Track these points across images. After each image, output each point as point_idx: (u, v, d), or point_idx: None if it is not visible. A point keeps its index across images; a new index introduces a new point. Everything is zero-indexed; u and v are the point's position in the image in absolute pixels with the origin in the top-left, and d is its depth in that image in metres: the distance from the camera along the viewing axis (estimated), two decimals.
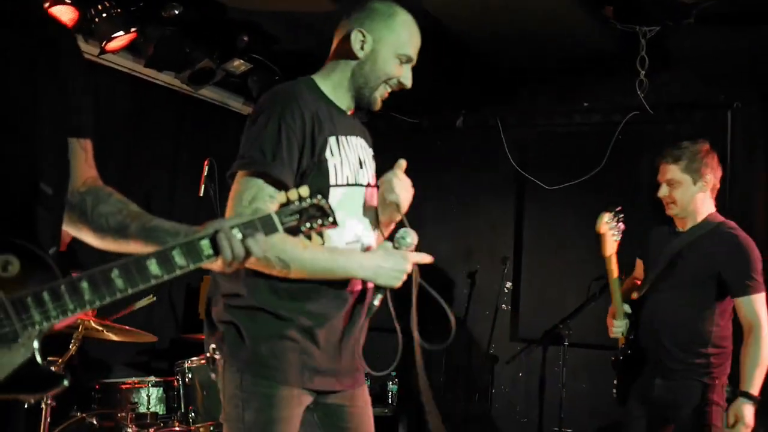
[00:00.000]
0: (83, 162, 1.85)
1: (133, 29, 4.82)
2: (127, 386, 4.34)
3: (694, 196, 3.68)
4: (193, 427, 4.25)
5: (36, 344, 1.50)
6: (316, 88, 2.49)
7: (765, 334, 3.51)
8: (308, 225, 1.78)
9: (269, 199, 2.20)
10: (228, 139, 6.34)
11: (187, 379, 4.32)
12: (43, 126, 1.66)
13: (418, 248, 2.44)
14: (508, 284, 6.14)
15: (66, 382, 1.54)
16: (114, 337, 4.17)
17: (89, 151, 1.86)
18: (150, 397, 4.37)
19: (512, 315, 6.17)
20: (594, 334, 4.73)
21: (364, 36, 2.44)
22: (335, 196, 2.36)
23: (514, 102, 6.33)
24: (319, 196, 1.80)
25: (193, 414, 4.27)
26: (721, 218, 3.73)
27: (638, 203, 5.66)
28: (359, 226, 2.47)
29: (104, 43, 4.76)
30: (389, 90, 2.53)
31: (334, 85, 2.50)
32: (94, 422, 4.15)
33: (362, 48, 2.45)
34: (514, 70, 5.63)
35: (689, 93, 5.65)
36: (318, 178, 2.33)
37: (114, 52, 4.96)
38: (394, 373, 5.82)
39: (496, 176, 6.35)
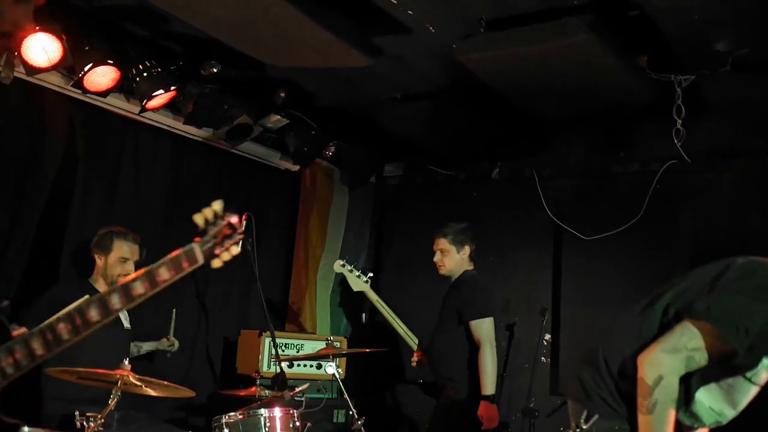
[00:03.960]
0: None
1: (173, 87, 4.93)
2: None
3: (457, 260, 5.05)
4: None
5: None
6: None
7: (488, 349, 4.73)
8: (222, 247, 1.93)
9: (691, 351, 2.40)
10: (265, 194, 6.41)
11: None
12: None
13: None
14: (547, 336, 6.05)
15: (26, 429, 1.59)
16: (152, 392, 4.16)
17: None
18: None
19: (552, 367, 6.08)
20: None
21: None
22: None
23: (550, 152, 6.31)
24: (228, 213, 1.96)
25: None
26: (471, 270, 5.07)
27: (678, 253, 5.57)
28: (733, 412, 2.59)
29: (145, 101, 4.88)
30: None
31: None
32: None
33: None
34: (550, 121, 5.63)
35: (727, 140, 5.59)
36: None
37: (154, 109, 5.08)
38: None
39: (533, 227, 6.32)
